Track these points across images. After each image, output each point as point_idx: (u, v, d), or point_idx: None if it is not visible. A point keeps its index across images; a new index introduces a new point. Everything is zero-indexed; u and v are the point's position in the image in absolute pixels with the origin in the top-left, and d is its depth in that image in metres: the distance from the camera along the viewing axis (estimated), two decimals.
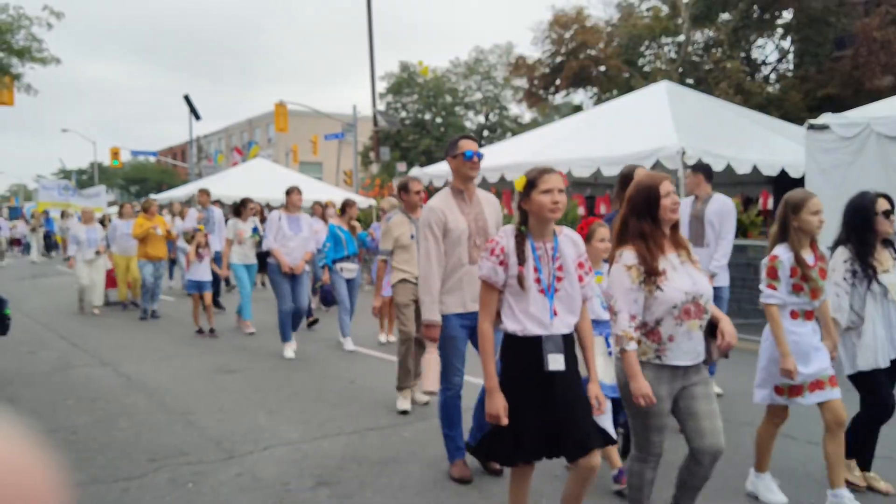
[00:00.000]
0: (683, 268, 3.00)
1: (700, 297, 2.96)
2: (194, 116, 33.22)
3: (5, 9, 17.29)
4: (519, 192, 2.95)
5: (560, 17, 26.58)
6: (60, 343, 8.43)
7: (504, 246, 2.91)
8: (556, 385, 2.88)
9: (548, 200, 2.84)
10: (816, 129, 8.69)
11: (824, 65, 22.22)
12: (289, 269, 7.53)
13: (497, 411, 2.87)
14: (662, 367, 2.99)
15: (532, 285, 2.88)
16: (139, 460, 4.43)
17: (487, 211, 4.17)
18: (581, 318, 3.03)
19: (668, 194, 2.98)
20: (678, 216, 3.05)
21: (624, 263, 2.97)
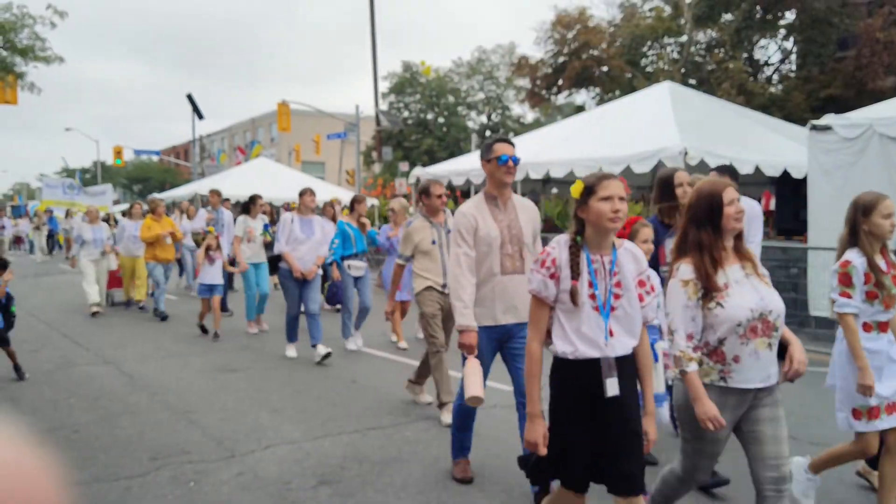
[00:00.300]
0: (748, 282, 2.78)
1: (768, 313, 2.73)
2: (197, 116, 33.27)
3: (8, 7, 17.30)
4: (575, 199, 2.71)
5: (563, 17, 26.58)
6: (63, 341, 8.45)
7: (556, 257, 2.68)
8: (609, 412, 2.64)
9: (607, 209, 2.58)
10: (819, 129, 8.69)
11: (827, 65, 22.20)
12: (300, 274, 7.32)
13: (536, 439, 2.69)
14: (728, 389, 2.76)
15: (586, 301, 2.63)
16: (141, 459, 4.44)
17: (523, 218, 3.92)
18: (640, 343, 2.75)
19: (732, 202, 2.79)
20: (742, 225, 2.85)
21: (680, 278, 2.79)
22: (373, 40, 24.64)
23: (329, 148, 35.47)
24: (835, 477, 4.10)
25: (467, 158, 15.98)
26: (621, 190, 2.64)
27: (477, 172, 12.94)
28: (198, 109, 33.00)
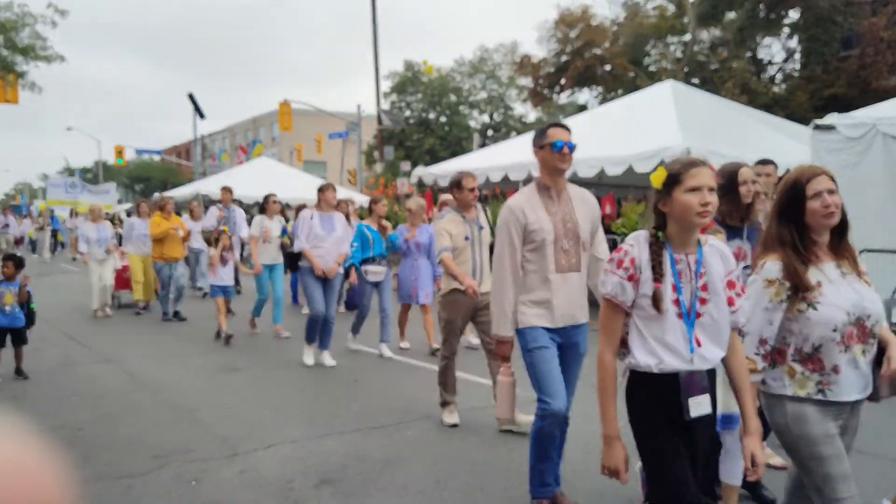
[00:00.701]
0: (845, 281, 2.48)
1: (866, 317, 2.43)
2: (198, 115, 33.32)
3: (9, 6, 17.34)
4: (656, 190, 2.40)
5: (565, 15, 26.59)
6: (65, 340, 8.47)
7: (635, 257, 2.35)
8: (697, 432, 2.36)
9: (695, 201, 2.27)
10: (822, 129, 8.67)
11: (831, 64, 22.19)
12: (322, 272, 7.03)
13: (618, 465, 2.42)
14: (827, 404, 2.45)
15: (670, 307, 2.32)
16: (144, 457, 4.45)
17: (580, 211, 3.56)
18: (731, 353, 2.43)
19: (819, 194, 2.46)
20: (835, 220, 2.51)
21: (765, 277, 2.49)
22: (374, 39, 24.64)
23: (331, 147, 35.52)
24: None
25: (469, 158, 15.98)
26: (711, 179, 2.32)
27: (479, 171, 12.93)
28: (199, 109, 33.06)
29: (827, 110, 11.70)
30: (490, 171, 12.56)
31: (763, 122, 13.04)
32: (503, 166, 12.10)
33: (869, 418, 4.04)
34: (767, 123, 12.98)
